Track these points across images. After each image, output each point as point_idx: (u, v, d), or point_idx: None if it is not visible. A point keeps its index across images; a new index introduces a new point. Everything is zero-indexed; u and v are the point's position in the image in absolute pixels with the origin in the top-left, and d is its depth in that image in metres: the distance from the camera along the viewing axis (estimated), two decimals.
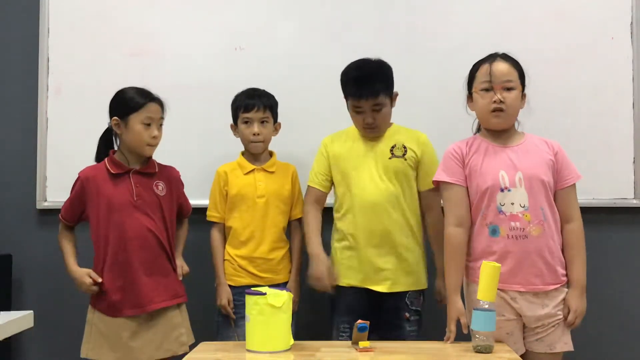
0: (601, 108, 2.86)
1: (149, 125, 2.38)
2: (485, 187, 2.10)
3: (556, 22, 2.87)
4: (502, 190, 2.09)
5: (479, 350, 1.94)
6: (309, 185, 2.57)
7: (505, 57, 2.17)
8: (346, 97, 2.47)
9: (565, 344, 2.13)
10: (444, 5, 2.91)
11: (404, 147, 2.45)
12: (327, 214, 2.56)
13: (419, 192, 2.47)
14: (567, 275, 2.14)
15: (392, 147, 2.45)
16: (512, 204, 2.08)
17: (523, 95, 2.19)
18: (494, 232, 2.10)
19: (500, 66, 2.14)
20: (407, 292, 2.43)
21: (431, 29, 2.89)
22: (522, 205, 2.07)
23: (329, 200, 2.59)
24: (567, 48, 2.86)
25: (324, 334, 2.50)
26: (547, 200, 2.10)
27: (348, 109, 2.49)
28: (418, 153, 2.46)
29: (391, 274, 2.40)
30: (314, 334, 2.36)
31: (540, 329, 2.12)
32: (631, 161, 2.86)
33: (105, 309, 2.36)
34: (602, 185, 2.83)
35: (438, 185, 2.24)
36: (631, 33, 2.86)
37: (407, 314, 2.44)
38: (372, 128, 2.44)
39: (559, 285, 2.12)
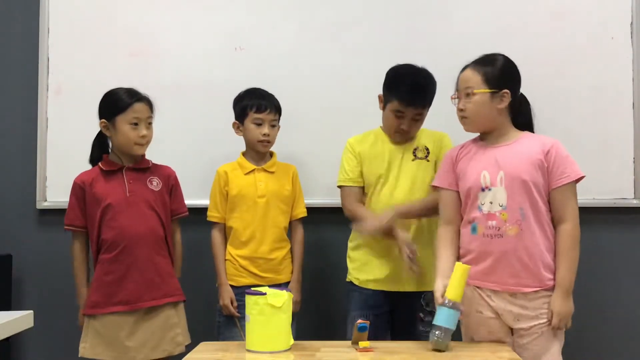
0: (601, 108, 2.86)
1: (136, 125, 2.38)
2: (467, 187, 2.12)
3: (556, 22, 2.87)
4: (482, 190, 2.09)
5: (435, 347, 1.91)
6: (342, 186, 2.50)
7: (479, 62, 2.13)
8: (389, 98, 2.43)
9: (551, 355, 2.04)
10: (443, 5, 2.91)
11: (426, 149, 2.47)
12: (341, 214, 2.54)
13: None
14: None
15: (415, 149, 2.47)
16: (491, 203, 2.07)
17: (503, 95, 2.10)
18: (474, 230, 2.10)
19: (465, 73, 2.13)
20: (423, 292, 2.42)
21: (431, 29, 2.89)
22: (501, 205, 2.06)
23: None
24: (567, 48, 2.86)
25: (324, 333, 2.49)
26: (530, 201, 2.05)
27: (384, 106, 2.46)
28: (437, 152, 2.47)
29: (406, 274, 2.37)
30: (314, 334, 2.36)
31: (524, 332, 2.05)
32: (631, 161, 2.86)
33: (92, 304, 2.36)
34: (602, 185, 2.83)
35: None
36: (631, 33, 2.86)
37: (421, 314, 2.43)
38: (403, 135, 2.46)
39: (539, 289, 2.04)
